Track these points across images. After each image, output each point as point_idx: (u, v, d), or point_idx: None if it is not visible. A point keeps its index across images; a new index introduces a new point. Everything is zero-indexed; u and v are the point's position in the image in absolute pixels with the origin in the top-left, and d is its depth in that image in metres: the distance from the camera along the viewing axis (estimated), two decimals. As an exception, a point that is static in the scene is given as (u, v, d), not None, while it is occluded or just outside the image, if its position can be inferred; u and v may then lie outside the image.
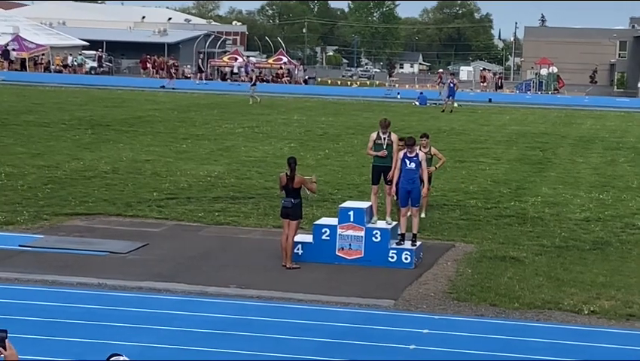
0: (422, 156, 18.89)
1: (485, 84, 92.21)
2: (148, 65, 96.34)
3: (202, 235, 20.52)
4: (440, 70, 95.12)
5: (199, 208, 23.22)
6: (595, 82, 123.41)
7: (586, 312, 15.48)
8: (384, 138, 19.08)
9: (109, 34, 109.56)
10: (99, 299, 15.35)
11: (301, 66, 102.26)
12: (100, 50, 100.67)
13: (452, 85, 61.75)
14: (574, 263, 18.80)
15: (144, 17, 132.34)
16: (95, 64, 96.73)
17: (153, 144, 35.90)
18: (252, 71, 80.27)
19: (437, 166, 23.81)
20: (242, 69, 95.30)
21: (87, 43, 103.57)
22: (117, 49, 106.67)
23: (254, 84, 61.78)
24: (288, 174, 17.89)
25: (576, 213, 24.35)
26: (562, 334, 14.46)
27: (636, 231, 22.41)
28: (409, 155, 18.61)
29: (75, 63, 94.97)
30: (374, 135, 19.23)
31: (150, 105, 54.78)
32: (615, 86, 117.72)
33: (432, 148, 23.59)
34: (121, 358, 6.74)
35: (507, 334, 14.31)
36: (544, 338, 14.21)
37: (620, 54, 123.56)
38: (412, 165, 18.59)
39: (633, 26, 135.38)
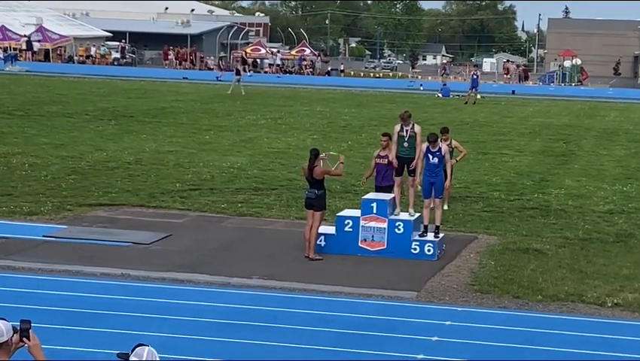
0: (444, 149, 18.83)
1: (508, 76, 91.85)
2: (170, 56, 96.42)
3: (224, 226, 20.55)
4: (444, 61, 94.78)
5: (221, 199, 23.26)
6: (619, 74, 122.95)
7: (609, 305, 15.42)
8: (407, 131, 19.00)
9: (132, 26, 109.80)
10: (122, 290, 15.41)
11: (318, 57, 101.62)
12: (123, 40, 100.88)
13: (475, 77, 61.50)
14: (597, 256, 18.73)
15: (167, 8, 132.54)
16: (118, 55, 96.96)
17: (176, 135, 35.97)
18: (237, 62, 79.37)
19: (457, 159, 23.76)
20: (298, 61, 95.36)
21: (110, 34, 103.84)
22: (140, 40, 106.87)
23: (239, 74, 61.58)
24: (310, 165, 17.88)
25: (599, 206, 24.24)
26: (585, 326, 14.41)
27: (660, 223, 22.28)
28: (432, 149, 18.58)
29: (100, 54, 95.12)
30: (398, 127, 19.15)
31: (173, 96, 54.88)
32: (639, 78, 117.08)
33: (453, 141, 23.56)
34: (146, 348, 6.76)
35: (529, 326, 14.28)
36: (567, 330, 14.17)
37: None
38: (435, 159, 18.56)
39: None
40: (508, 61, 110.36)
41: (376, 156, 19.79)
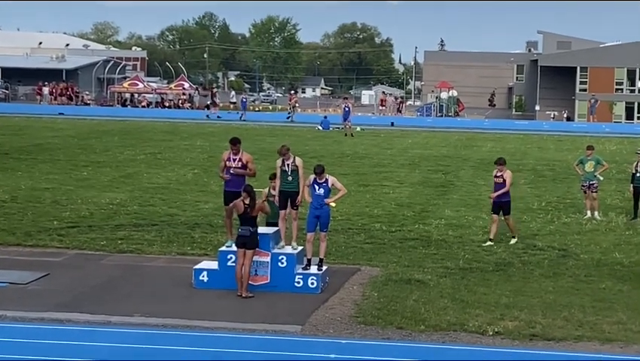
0: (331, 180, 18.86)
1: (384, 107, 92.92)
2: (45, 91, 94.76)
3: (104, 264, 20.20)
4: (242, 95, 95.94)
5: (101, 236, 22.88)
6: (494, 105, 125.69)
7: (490, 333, 15.61)
8: (288, 165, 19.03)
9: (5, 61, 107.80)
10: (-2, 332, 14.98)
11: (196, 91, 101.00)
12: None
13: (347, 108, 62.16)
14: (477, 285, 18.97)
15: (40, 43, 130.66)
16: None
17: (53, 172, 35.33)
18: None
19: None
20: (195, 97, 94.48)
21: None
22: (14, 75, 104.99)
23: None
24: (246, 202, 17.71)
25: (479, 235, 24.60)
26: (468, 355, 14.55)
27: (537, 252, 22.73)
28: (318, 181, 18.65)
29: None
30: (279, 162, 19.17)
31: (49, 132, 53.97)
32: (514, 109, 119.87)
33: (330, 178, 23.38)
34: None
35: (413, 356, 14.35)
36: (450, 359, 14.27)
37: (517, 77, 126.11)
38: (322, 190, 18.62)
39: (530, 50, 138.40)
40: (384, 92, 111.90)
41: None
